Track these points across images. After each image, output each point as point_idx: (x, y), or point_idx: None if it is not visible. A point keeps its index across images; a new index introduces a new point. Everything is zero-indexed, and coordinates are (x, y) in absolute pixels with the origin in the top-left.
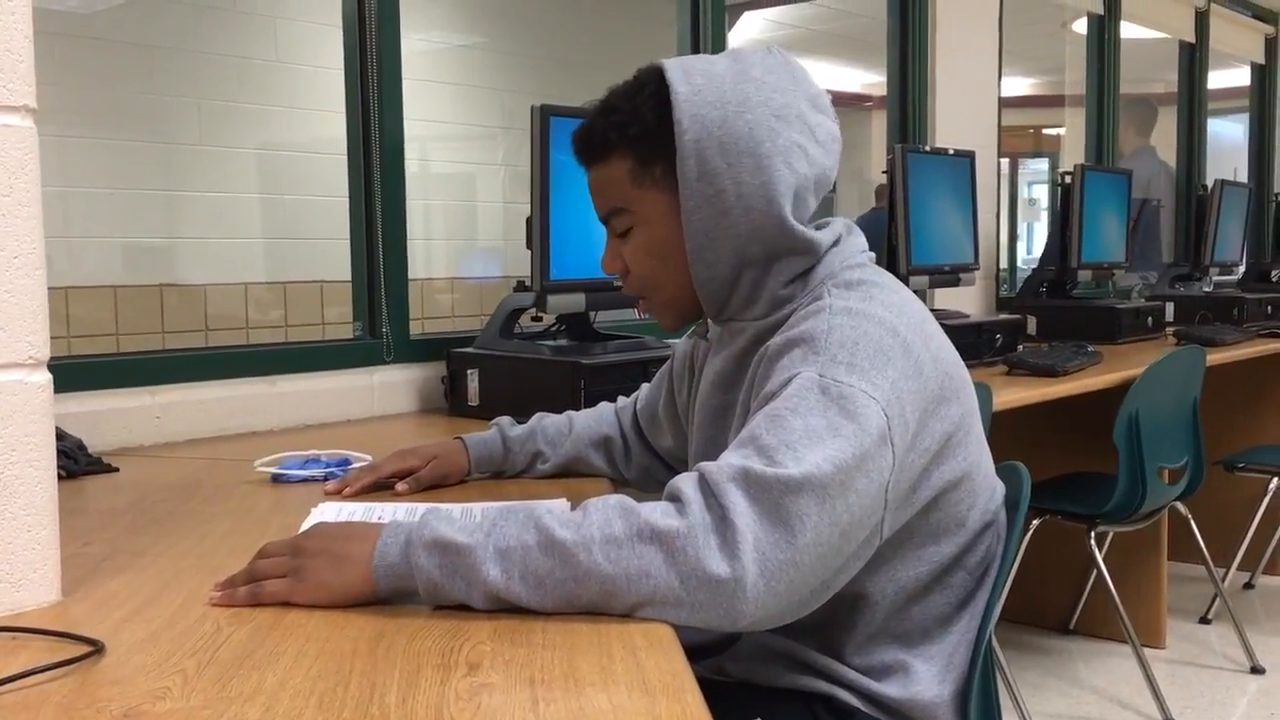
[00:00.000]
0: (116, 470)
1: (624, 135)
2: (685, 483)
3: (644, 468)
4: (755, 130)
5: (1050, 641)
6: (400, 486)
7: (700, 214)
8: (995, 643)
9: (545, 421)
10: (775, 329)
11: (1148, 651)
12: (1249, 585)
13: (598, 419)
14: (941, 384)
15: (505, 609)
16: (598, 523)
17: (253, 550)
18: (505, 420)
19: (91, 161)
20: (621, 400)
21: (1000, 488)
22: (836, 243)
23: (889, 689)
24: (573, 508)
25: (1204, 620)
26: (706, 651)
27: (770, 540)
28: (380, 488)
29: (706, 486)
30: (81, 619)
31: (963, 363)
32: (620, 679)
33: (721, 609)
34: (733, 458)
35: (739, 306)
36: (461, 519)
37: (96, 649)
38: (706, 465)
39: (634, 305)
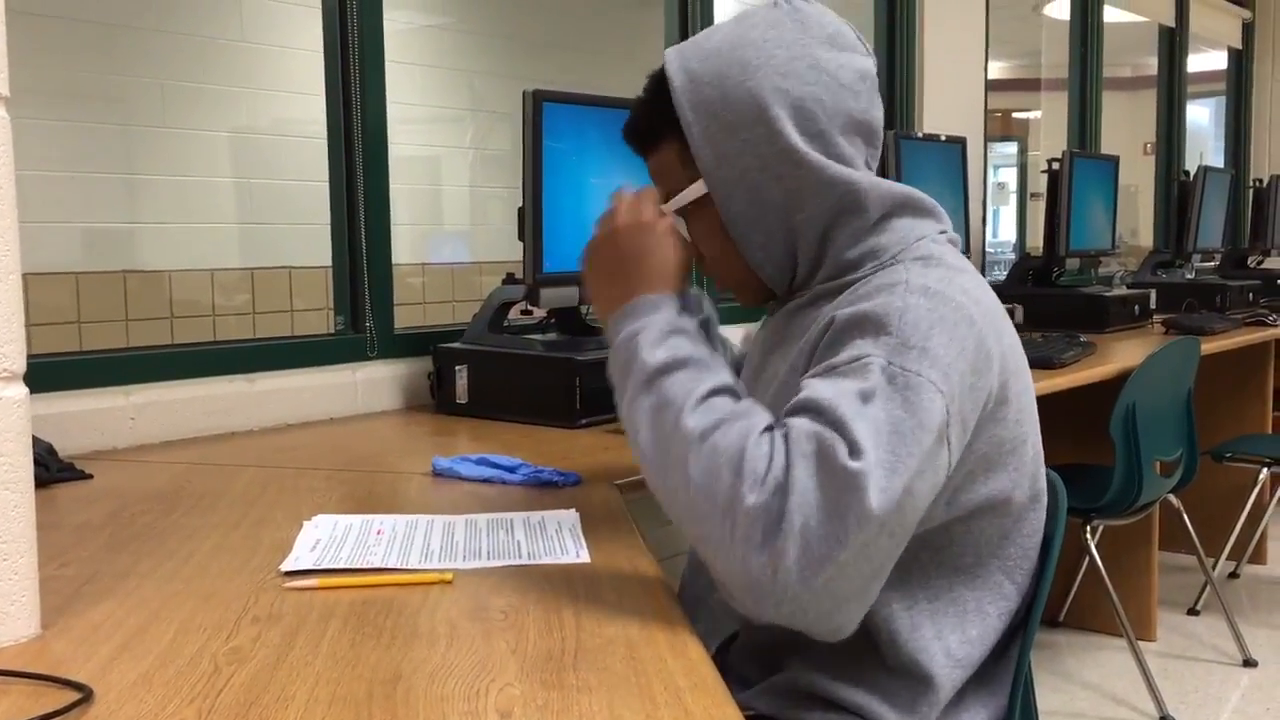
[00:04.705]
0: (90, 477)
1: (667, 120)
2: (778, 435)
3: None
4: (759, 95)
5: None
6: None
7: (733, 200)
8: None
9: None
10: (838, 292)
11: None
12: (1234, 575)
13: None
14: (1004, 384)
15: None
16: (716, 424)
17: (243, 571)
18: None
19: (49, 143)
20: None
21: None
22: (906, 208)
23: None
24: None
25: (1192, 611)
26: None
27: (819, 533)
28: None
29: (788, 449)
30: (64, 657)
31: (1028, 366)
32: None
33: (740, 593)
34: (808, 421)
35: (804, 277)
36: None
37: (85, 696)
38: (797, 423)
39: None
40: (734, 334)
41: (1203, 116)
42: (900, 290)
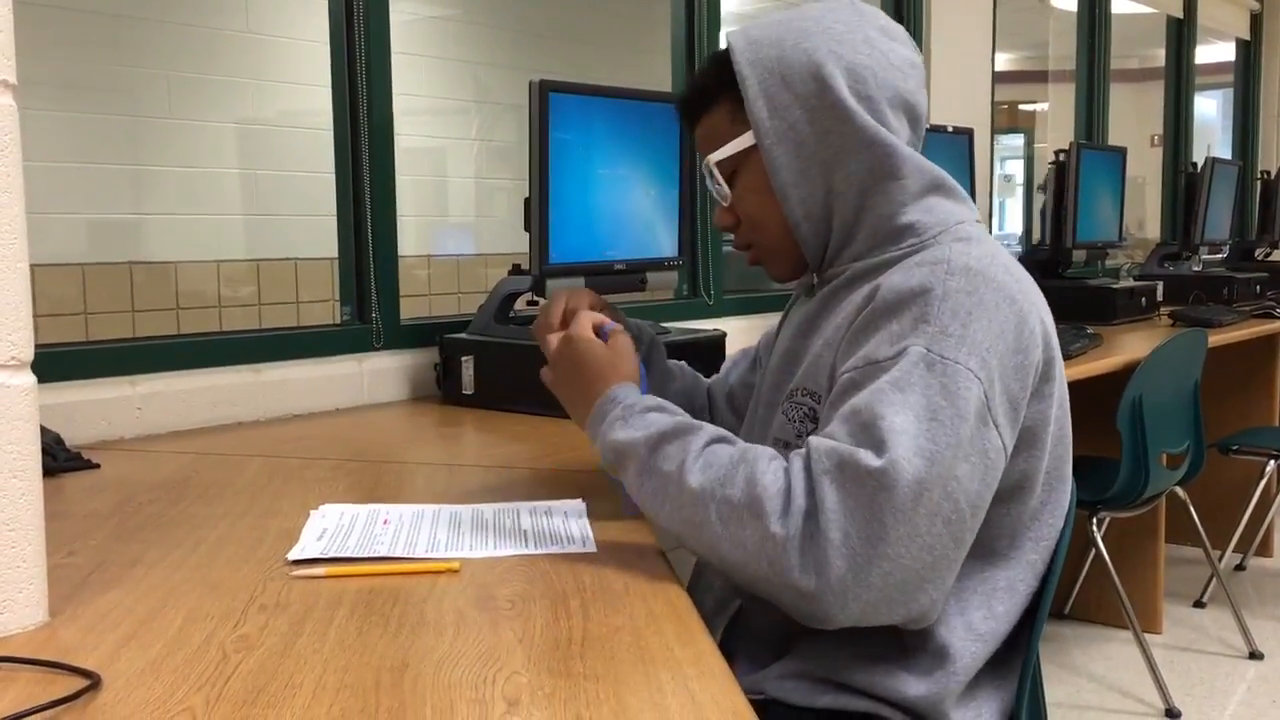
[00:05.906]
0: (97, 466)
1: (723, 82)
2: (795, 461)
3: None
4: (815, 55)
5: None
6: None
7: (780, 150)
8: None
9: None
10: (876, 271)
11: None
12: (1240, 567)
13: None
14: (1050, 360)
15: None
16: (722, 478)
17: (250, 560)
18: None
19: (55, 135)
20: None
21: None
22: (942, 189)
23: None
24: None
25: (1198, 604)
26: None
27: (861, 536)
28: None
29: (809, 472)
30: (72, 644)
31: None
32: (676, 717)
33: (806, 611)
34: (837, 433)
35: (837, 247)
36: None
37: (93, 683)
38: (815, 443)
39: (631, 290)
40: (746, 327)
41: (1210, 108)
42: (941, 271)
